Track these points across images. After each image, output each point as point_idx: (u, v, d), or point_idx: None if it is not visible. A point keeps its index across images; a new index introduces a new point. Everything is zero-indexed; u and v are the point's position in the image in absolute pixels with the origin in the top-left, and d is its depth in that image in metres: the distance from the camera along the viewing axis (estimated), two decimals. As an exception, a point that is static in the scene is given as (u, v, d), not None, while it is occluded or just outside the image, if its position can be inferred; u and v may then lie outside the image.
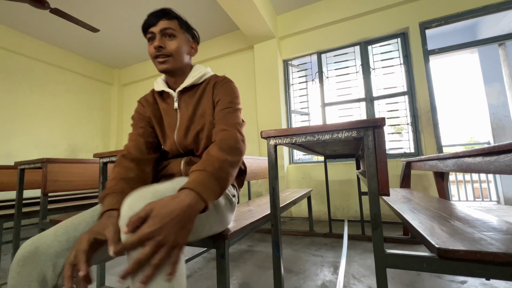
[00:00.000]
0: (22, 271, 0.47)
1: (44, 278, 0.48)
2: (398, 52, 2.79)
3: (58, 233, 0.54)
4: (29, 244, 0.50)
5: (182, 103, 0.84)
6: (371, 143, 0.72)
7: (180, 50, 0.80)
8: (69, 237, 0.54)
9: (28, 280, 0.47)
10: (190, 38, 0.86)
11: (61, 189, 1.43)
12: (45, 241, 0.51)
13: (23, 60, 3.48)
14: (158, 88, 0.85)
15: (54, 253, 0.50)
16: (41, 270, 0.48)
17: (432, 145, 2.49)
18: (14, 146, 3.27)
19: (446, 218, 0.90)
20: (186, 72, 0.85)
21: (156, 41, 0.76)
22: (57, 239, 0.52)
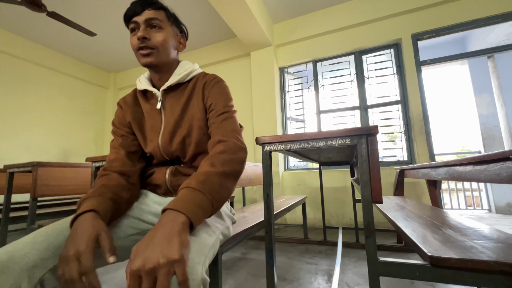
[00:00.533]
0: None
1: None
2: (391, 62, 2.86)
3: (37, 240, 0.49)
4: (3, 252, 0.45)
5: (167, 103, 0.76)
6: (365, 150, 0.73)
7: (167, 43, 0.72)
8: (49, 245, 0.49)
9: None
10: (178, 32, 0.79)
11: (51, 193, 1.40)
12: (21, 248, 0.46)
13: (18, 62, 3.44)
14: (140, 87, 0.77)
15: (30, 263, 0.45)
16: (15, 281, 0.43)
17: (424, 153, 2.53)
18: (3, 149, 3.20)
19: (439, 226, 0.91)
20: (173, 68, 0.77)
21: (140, 32, 0.67)
22: (35, 246, 0.47)
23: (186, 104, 0.75)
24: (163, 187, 0.73)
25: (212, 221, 0.62)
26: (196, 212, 0.48)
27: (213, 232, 0.57)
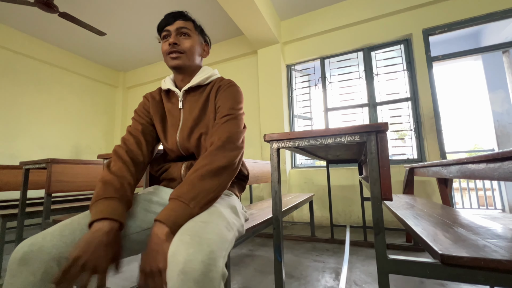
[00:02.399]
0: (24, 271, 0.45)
1: (48, 278, 0.46)
2: (401, 58, 2.80)
3: (64, 233, 0.52)
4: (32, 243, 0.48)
5: (187, 103, 0.83)
6: (374, 147, 0.72)
7: (194, 49, 0.82)
8: (74, 238, 0.52)
9: (31, 280, 0.45)
10: (203, 41, 0.89)
11: (65, 189, 1.44)
12: (50, 240, 0.49)
13: (30, 62, 3.54)
14: (164, 87, 0.85)
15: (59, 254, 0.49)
16: (45, 270, 0.46)
17: (435, 151, 2.47)
18: (18, 147, 3.31)
19: (450, 225, 0.89)
20: (195, 72, 0.86)
21: (172, 38, 0.78)
22: (62, 239, 0.50)
23: (204, 106, 0.81)
24: (178, 180, 0.79)
25: (231, 217, 0.63)
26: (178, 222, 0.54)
27: (231, 228, 0.59)
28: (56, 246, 0.49)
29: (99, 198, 0.59)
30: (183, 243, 0.46)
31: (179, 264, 0.43)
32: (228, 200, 0.72)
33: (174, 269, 0.43)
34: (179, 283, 0.41)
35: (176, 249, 0.45)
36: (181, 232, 0.49)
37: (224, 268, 0.47)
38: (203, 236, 0.47)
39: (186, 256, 0.43)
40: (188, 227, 0.51)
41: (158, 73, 4.40)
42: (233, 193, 0.85)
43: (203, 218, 0.54)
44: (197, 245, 0.45)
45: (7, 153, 3.19)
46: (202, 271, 0.42)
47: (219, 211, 0.60)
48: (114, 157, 0.72)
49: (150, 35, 3.60)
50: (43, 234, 0.51)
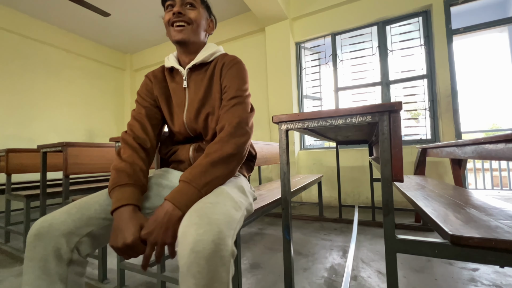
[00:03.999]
0: (38, 245, 0.50)
1: (58, 252, 0.51)
2: (418, 32, 2.63)
3: (72, 211, 0.56)
4: (43, 221, 0.53)
5: (191, 82, 0.80)
6: (386, 128, 0.70)
7: (199, 21, 0.78)
8: (81, 215, 0.56)
9: (44, 254, 0.50)
10: (208, 16, 0.85)
11: (80, 171, 1.50)
12: (59, 217, 0.53)
13: (38, 46, 3.55)
14: (168, 64, 0.82)
15: (67, 230, 0.52)
16: (55, 244, 0.51)
17: (450, 131, 2.39)
18: (35, 131, 3.43)
19: (461, 205, 0.88)
20: (200, 49, 0.82)
21: (176, 7, 0.74)
22: (70, 217, 0.54)
23: (209, 85, 0.79)
24: (187, 162, 0.79)
25: (238, 197, 0.64)
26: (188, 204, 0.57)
27: (239, 207, 0.61)
28: (64, 222, 0.53)
29: (115, 186, 0.62)
30: (192, 224, 0.47)
31: (190, 243, 0.45)
32: (235, 180, 0.73)
33: (186, 248, 0.45)
34: (191, 260, 0.44)
35: (186, 229, 0.47)
36: (190, 213, 0.51)
37: (233, 246, 0.49)
38: (211, 217, 0.49)
39: (197, 236, 0.45)
40: (196, 208, 0.52)
41: (164, 54, 4.33)
42: (240, 173, 0.86)
43: (211, 200, 0.56)
44: (206, 226, 0.46)
45: (25, 137, 3.32)
46: (212, 250, 0.44)
47: (226, 192, 0.61)
48: (123, 144, 0.73)
49: (154, 15, 3.50)
50: (54, 213, 0.55)
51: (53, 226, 0.52)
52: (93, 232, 0.57)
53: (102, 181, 2.37)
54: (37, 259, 0.50)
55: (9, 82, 3.23)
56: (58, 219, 0.53)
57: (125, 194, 0.60)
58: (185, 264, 0.44)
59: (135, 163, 0.68)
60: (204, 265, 0.43)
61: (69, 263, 0.52)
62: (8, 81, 3.22)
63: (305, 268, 1.32)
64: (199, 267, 0.43)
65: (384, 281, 1.17)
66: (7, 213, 1.87)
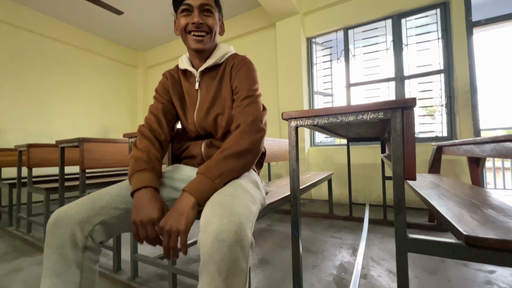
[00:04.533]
0: (55, 232, 0.55)
1: (74, 239, 0.55)
2: (436, 25, 2.52)
3: (85, 202, 0.60)
4: (60, 210, 0.57)
5: (203, 83, 0.83)
6: (399, 125, 0.68)
7: (216, 28, 0.79)
8: (94, 206, 0.60)
9: (61, 240, 0.54)
10: (220, 17, 0.84)
11: (96, 166, 1.55)
12: (73, 207, 0.58)
13: (57, 44, 3.68)
14: (182, 66, 0.85)
15: (80, 218, 0.56)
16: (71, 232, 0.55)
17: (468, 128, 2.30)
18: (54, 127, 3.58)
19: (478, 205, 0.85)
20: (211, 52, 0.84)
21: (196, 17, 0.73)
22: (83, 207, 0.58)
23: (219, 85, 0.81)
24: (199, 157, 0.83)
25: (254, 191, 0.67)
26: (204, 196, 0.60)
27: (255, 201, 0.63)
28: (78, 212, 0.57)
29: (134, 172, 0.67)
30: (216, 214, 0.49)
31: (214, 232, 0.46)
32: (249, 175, 0.75)
33: (209, 237, 0.47)
34: (214, 249, 0.45)
35: (209, 219, 0.49)
36: (212, 204, 0.53)
37: (252, 237, 0.51)
38: (233, 209, 0.51)
39: (220, 226, 0.47)
40: (217, 199, 0.55)
41: (176, 51, 4.38)
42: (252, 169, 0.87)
43: (230, 193, 0.58)
44: (229, 216, 0.49)
45: (44, 133, 3.47)
46: (235, 239, 0.46)
47: (243, 186, 0.63)
48: (139, 136, 0.78)
49: (165, 12, 3.54)
50: (69, 204, 0.60)
51: (68, 215, 0.56)
52: (105, 220, 0.60)
53: (116, 176, 2.45)
54: (55, 245, 0.54)
55: (30, 79, 3.38)
56: (73, 208, 0.57)
57: (144, 177, 0.65)
58: (208, 252, 0.46)
59: (151, 152, 0.73)
60: (226, 253, 0.45)
61: (84, 250, 0.56)
62: (29, 78, 3.36)
63: (314, 265, 1.32)
64: (222, 255, 0.45)
65: (394, 280, 1.15)
66: (29, 205, 1.97)
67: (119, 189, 0.67)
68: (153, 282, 1.20)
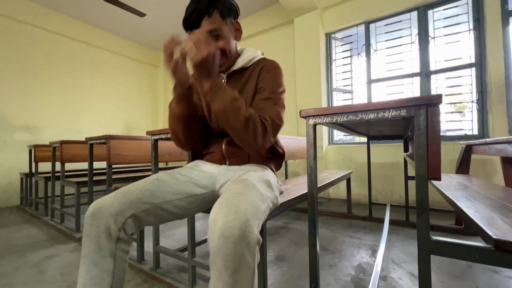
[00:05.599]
0: (93, 223, 0.59)
1: (109, 230, 0.59)
2: (467, 15, 2.35)
3: (118, 196, 0.64)
4: (96, 203, 0.62)
5: (230, 84, 0.86)
6: (423, 123, 0.66)
7: (229, 45, 0.80)
8: (126, 199, 0.63)
9: (97, 231, 0.58)
10: (233, 20, 0.83)
11: (122, 161, 1.64)
12: (108, 201, 0.62)
13: (85, 47, 3.91)
14: None
15: (114, 212, 0.60)
16: (106, 223, 0.59)
17: (502, 126, 2.13)
18: (83, 124, 3.82)
19: (511, 209, 0.79)
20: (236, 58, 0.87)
21: None
22: (116, 200, 0.62)
23: (244, 85, 0.84)
24: (219, 154, 0.86)
25: (264, 190, 0.67)
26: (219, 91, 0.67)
27: (265, 200, 0.64)
28: (113, 205, 0.61)
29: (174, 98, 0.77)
30: (222, 212, 0.51)
31: (220, 229, 0.48)
32: (262, 174, 0.76)
33: (216, 233, 0.49)
34: (220, 244, 0.47)
35: (216, 216, 0.51)
36: (220, 202, 0.55)
37: (258, 235, 0.52)
38: (239, 206, 0.52)
39: (226, 223, 0.48)
40: (226, 197, 0.56)
41: (195, 50, 4.46)
42: (268, 168, 0.88)
43: (239, 190, 0.59)
44: (234, 213, 0.50)
45: (75, 130, 3.71)
46: (240, 236, 0.48)
47: (253, 184, 0.64)
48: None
49: (185, 12, 3.62)
50: (104, 197, 0.64)
51: (103, 208, 0.60)
52: (135, 214, 0.64)
53: (140, 171, 2.57)
54: (92, 235, 0.58)
55: (62, 81, 3.62)
56: (107, 202, 0.62)
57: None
58: (215, 247, 0.48)
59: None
60: (232, 249, 0.47)
61: (117, 241, 0.60)
62: (61, 80, 3.61)
63: (331, 265, 1.31)
64: (228, 250, 0.47)
65: (416, 283, 1.11)
66: (62, 197, 2.13)
67: (147, 184, 0.70)
68: (174, 273, 1.25)
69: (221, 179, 0.82)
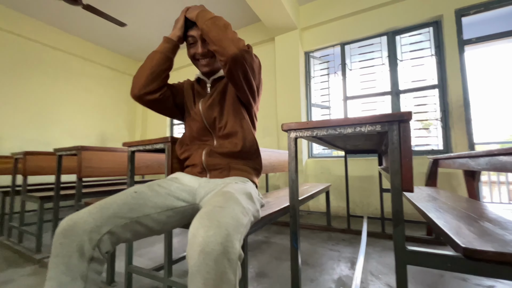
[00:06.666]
0: (64, 242, 0.53)
1: (82, 249, 0.54)
2: (429, 42, 2.62)
3: (93, 211, 0.59)
4: (69, 219, 0.56)
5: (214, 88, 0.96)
6: (396, 138, 0.70)
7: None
8: (102, 215, 0.59)
9: (69, 250, 0.53)
10: None
11: (93, 174, 1.54)
12: (82, 217, 0.57)
13: (57, 54, 3.73)
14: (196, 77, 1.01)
15: (89, 228, 0.55)
16: (79, 242, 0.54)
17: (463, 142, 2.34)
18: (52, 135, 3.56)
19: (475, 218, 0.86)
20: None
21: (200, 48, 0.88)
22: (91, 216, 0.57)
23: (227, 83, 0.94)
24: (200, 166, 0.86)
25: (246, 203, 0.66)
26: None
27: (246, 213, 0.62)
28: (87, 221, 0.56)
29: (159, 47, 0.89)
30: (202, 226, 0.49)
31: (200, 245, 0.46)
32: (244, 186, 0.75)
33: (196, 249, 0.46)
34: (200, 261, 0.45)
35: (196, 231, 0.49)
36: (200, 215, 0.52)
37: (240, 249, 0.50)
38: (221, 220, 0.50)
39: (206, 238, 0.46)
40: (206, 210, 0.54)
41: (177, 62, 4.42)
42: (250, 180, 0.88)
43: (220, 203, 0.57)
44: (216, 228, 0.48)
45: (43, 141, 3.45)
46: (221, 251, 0.46)
47: (235, 197, 0.63)
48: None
49: (169, 25, 3.63)
50: (78, 213, 0.59)
51: (77, 225, 0.55)
52: (112, 230, 0.59)
53: (113, 185, 2.42)
54: (62, 255, 0.53)
55: (30, 88, 3.39)
56: (81, 218, 0.57)
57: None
58: (195, 265, 0.45)
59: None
60: (212, 266, 0.45)
61: (90, 261, 0.55)
62: (29, 87, 3.38)
63: (312, 279, 1.30)
64: (208, 268, 0.45)
65: (394, 295, 1.13)
66: (22, 213, 1.93)
67: (125, 198, 0.66)
68: (148, 295, 1.17)
69: (201, 191, 0.80)
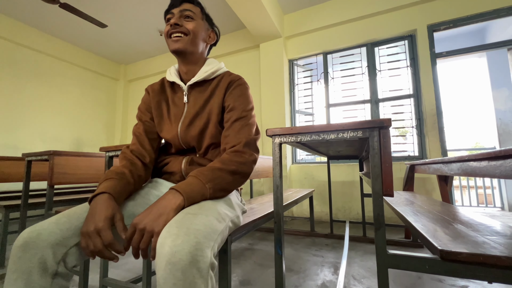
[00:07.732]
0: (23, 256, 0.47)
1: (44, 264, 0.48)
2: (405, 54, 2.78)
3: (60, 221, 0.53)
4: (31, 231, 0.50)
5: (192, 97, 0.82)
6: (377, 144, 0.72)
7: (197, 31, 0.79)
8: (70, 225, 0.53)
9: (29, 266, 0.47)
10: (209, 27, 0.86)
11: (67, 181, 1.45)
12: (47, 228, 0.51)
13: (31, 53, 3.52)
14: (170, 79, 0.83)
15: (54, 241, 0.50)
16: (42, 256, 0.48)
17: (436, 148, 2.47)
18: (20, 138, 3.32)
19: (449, 221, 0.90)
20: (199, 63, 0.84)
21: (173, 19, 0.76)
22: (58, 227, 0.52)
23: (208, 99, 0.80)
24: (178, 174, 0.79)
25: (222, 209, 0.63)
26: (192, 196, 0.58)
27: (222, 219, 0.59)
28: (53, 233, 0.51)
29: (101, 182, 0.64)
30: (170, 235, 0.46)
31: (167, 255, 0.43)
32: None
33: (162, 260, 0.43)
34: (167, 273, 0.42)
35: (163, 240, 0.46)
36: (170, 224, 0.49)
37: (212, 258, 0.47)
38: (190, 227, 0.48)
39: (174, 247, 0.43)
40: (177, 219, 0.51)
41: (159, 66, 4.37)
42: None
43: (193, 211, 0.55)
44: (184, 236, 0.45)
45: (10, 144, 3.20)
46: (189, 261, 0.43)
47: (210, 204, 0.60)
48: (121, 157, 0.76)
49: (151, 28, 3.57)
50: (42, 223, 0.52)
51: (40, 237, 0.49)
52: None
53: (89, 192, 2.29)
54: (21, 271, 0.47)
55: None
56: (46, 229, 0.51)
57: (106, 184, 0.61)
58: (162, 277, 0.43)
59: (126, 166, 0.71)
60: (180, 277, 0.42)
61: (53, 276, 0.49)
62: (-4, 87, 3.14)
63: (296, 285, 1.29)
64: (175, 279, 0.42)
65: (375, 298, 1.15)
66: (-17, 224, 1.76)
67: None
68: (124, 309, 1.10)
69: None
